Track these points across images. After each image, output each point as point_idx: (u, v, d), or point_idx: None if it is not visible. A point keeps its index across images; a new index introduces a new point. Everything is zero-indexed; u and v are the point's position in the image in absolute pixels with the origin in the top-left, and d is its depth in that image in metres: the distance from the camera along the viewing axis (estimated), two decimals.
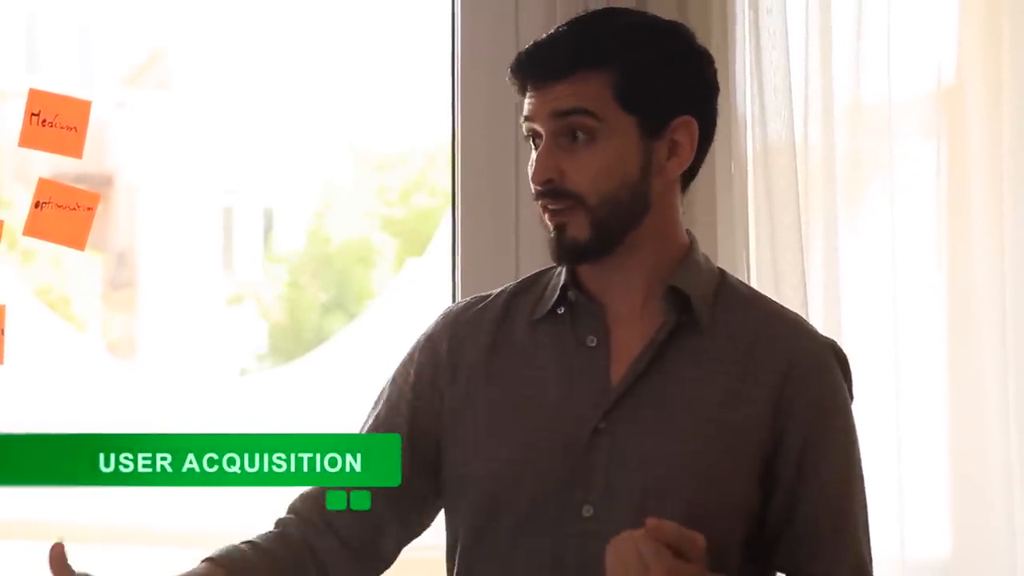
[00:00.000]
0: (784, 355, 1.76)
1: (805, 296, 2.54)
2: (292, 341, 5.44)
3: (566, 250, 1.77)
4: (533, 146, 1.79)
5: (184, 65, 5.44)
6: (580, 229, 1.75)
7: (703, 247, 2.56)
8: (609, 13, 1.84)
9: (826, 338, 1.85)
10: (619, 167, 1.75)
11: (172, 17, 5.27)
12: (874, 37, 2.65)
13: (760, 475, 1.75)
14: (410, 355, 1.92)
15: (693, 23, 2.55)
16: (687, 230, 1.87)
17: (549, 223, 1.78)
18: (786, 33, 2.57)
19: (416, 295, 5.18)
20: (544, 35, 1.81)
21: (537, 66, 1.77)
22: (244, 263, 5.75)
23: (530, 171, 1.78)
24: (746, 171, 2.59)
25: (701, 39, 2.55)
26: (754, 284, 2.55)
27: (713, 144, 2.59)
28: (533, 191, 1.79)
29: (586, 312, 1.81)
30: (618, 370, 1.77)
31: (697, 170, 1.85)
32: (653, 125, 1.77)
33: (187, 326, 5.55)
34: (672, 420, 1.73)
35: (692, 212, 2.55)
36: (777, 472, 1.76)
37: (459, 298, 2.58)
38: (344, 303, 5.55)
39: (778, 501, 1.77)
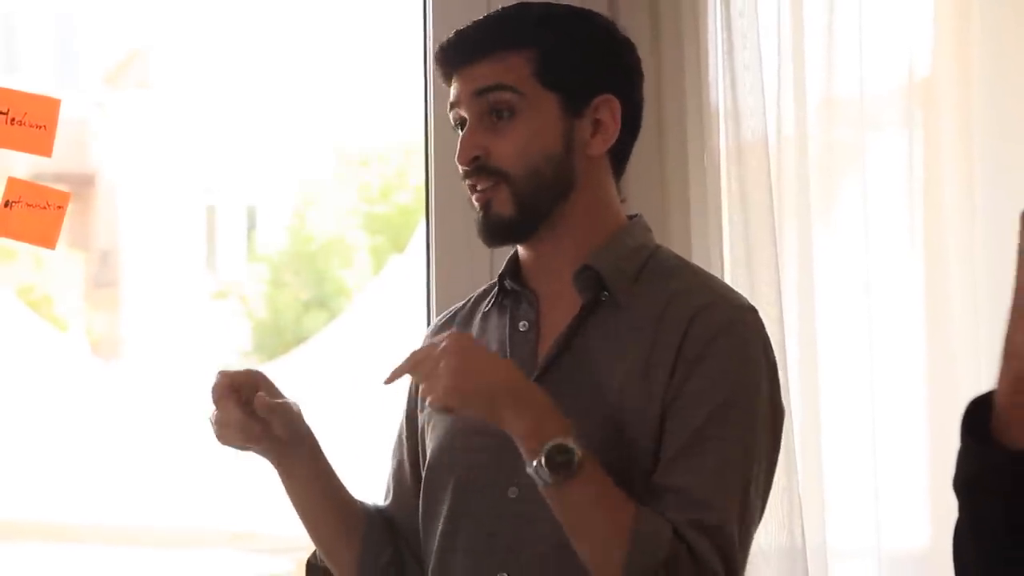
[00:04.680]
0: (688, 313, 1.73)
1: (779, 289, 2.55)
2: (275, 338, 5.44)
3: (491, 228, 1.79)
4: (460, 133, 1.81)
5: (164, 64, 5.45)
6: (504, 206, 1.78)
7: (678, 243, 2.58)
8: (528, 3, 1.87)
9: (743, 302, 1.79)
10: (541, 142, 1.78)
11: (152, 17, 5.28)
12: (846, 30, 2.65)
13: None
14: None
15: (665, 20, 2.57)
16: (636, 215, 1.87)
17: (476, 204, 1.80)
18: (757, 28, 2.58)
19: (398, 292, 5.18)
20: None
21: (459, 48, 1.81)
22: (227, 261, 5.75)
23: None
24: (719, 167, 2.60)
25: (672, 33, 2.58)
26: (728, 278, 2.55)
27: (686, 139, 2.62)
28: (461, 172, 1.81)
29: (522, 298, 1.84)
30: (544, 351, 1.80)
31: (626, 156, 1.86)
32: (575, 102, 1.79)
33: (171, 324, 5.55)
34: (583, 396, 1.74)
35: (666, 208, 2.56)
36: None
37: (433, 294, 2.59)
38: (326, 300, 5.56)
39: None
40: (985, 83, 2.62)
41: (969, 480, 1.13)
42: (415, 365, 1.68)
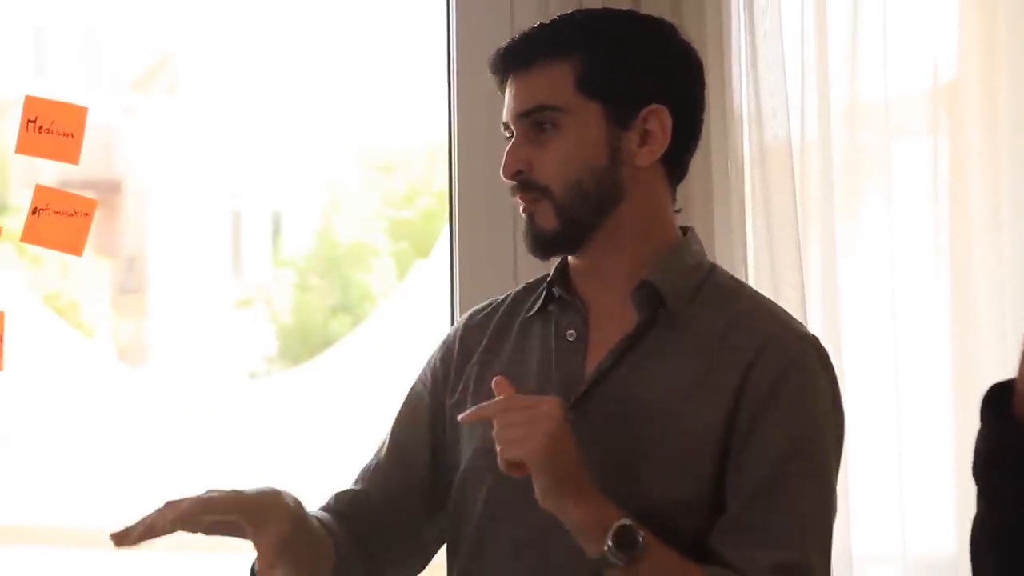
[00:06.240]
0: (754, 342, 1.73)
1: (803, 294, 2.55)
2: (301, 343, 5.45)
3: (536, 240, 1.80)
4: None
5: (190, 70, 5.46)
6: (547, 219, 1.78)
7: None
8: (580, 10, 1.87)
9: (806, 332, 1.80)
10: (583, 154, 1.77)
11: (178, 22, 5.29)
12: (870, 34, 2.65)
13: (721, 466, 1.72)
14: (429, 359, 1.97)
15: (687, 23, 2.56)
16: (688, 227, 1.88)
17: (523, 215, 1.81)
18: (781, 32, 2.57)
19: (424, 297, 5.18)
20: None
21: (507, 58, 1.82)
22: (253, 266, 5.76)
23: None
24: (743, 171, 2.60)
25: (695, 39, 2.57)
26: (752, 283, 2.55)
27: (710, 144, 2.61)
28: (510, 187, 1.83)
29: (570, 307, 1.83)
30: (593, 363, 1.80)
31: (684, 164, 1.85)
32: (621, 113, 1.78)
33: (196, 330, 5.56)
34: (634, 413, 1.74)
35: (689, 212, 2.56)
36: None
37: (457, 298, 2.59)
38: (351, 305, 5.56)
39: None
40: (1011, 87, 2.61)
41: (989, 456, 1.17)
42: (504, 410, 1.67)
